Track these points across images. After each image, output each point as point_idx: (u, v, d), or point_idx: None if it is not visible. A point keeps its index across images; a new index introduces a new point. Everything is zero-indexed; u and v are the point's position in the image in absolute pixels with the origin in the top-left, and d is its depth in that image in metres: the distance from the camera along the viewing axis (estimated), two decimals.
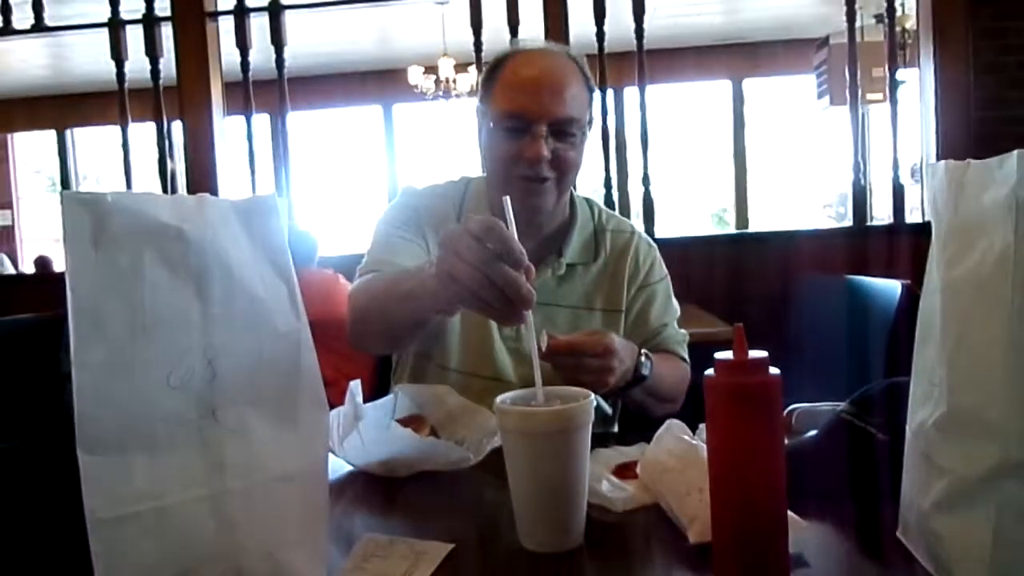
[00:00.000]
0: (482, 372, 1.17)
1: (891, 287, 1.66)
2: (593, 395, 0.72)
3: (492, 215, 1.20)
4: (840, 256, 2.58)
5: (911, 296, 1.58)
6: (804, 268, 2.53)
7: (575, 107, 1.13)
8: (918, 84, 2.83)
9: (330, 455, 0.78)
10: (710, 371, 0.61)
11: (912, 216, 3.19)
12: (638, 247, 1.27)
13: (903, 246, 2.52)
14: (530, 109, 1.10)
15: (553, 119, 1.11)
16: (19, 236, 8.22)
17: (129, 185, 3.11)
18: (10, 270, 6.61)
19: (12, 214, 8.13)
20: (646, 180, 2.78)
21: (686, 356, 1.28)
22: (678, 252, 2.02)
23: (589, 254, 1.24)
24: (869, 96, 4.47)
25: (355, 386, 0.94)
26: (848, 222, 2.89)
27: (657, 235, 2.87)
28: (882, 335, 1.59)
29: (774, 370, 0.60)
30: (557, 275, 1.21)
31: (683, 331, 1.30)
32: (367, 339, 1.15)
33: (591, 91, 1.17)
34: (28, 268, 6.97)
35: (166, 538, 0.55)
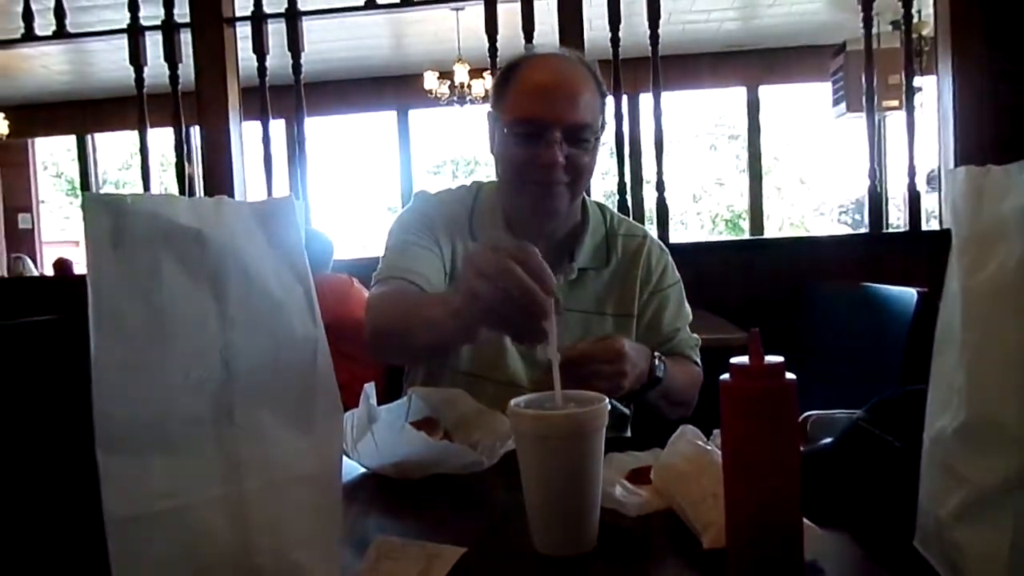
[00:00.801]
0: (495, 376, 1.17)
1: (907, 294, 1.64)
2: (607, 399, 0.72)
3: (504, 221, 1.21)
4: (856, 262, 2.57)
5: (927, 303, 1.56)
6: (819, 274, 2.51)
7: (588, 113, 1.13)
8: (935, 91, 2.81)
9: (344, 457, 0.78)
10: (725, 376, 0.61)
11: (927, 224, 3.17)
12: (650, 251, 1.27)
13: (919, 253, 2.50)
14: (544, 115, 1.11)
15: (567, 125, 1.11)
16: (39, 239, 8.32)
17: (147, 189, 3.14)
18: (33, 272, 6.69)
19: (32, 217, 8.23)
20: (660, 186, 2.77)
21: (698, 360, 1.28)
22: (692, 258, 2.01)
23: (601, 259, 1.24)
24: (885, 103, 4.44)
25: (369, 388, 0.94)
26: (864, 228, 2.87)
27: (671, 240, 2.87)
28: (898, 342, 1.57)
29: (790, 376, 0.60)
30: (569, 280, 1.21)
31: (695, 336, 1.30)
32: (387, 353, 1.21)
33: (603, 96, 1.18)
34: (47, 271, 7.04)
35: (182, 538, 0.56)
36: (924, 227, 2.77)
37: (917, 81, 2.74)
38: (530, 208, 1.18)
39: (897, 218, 5.80)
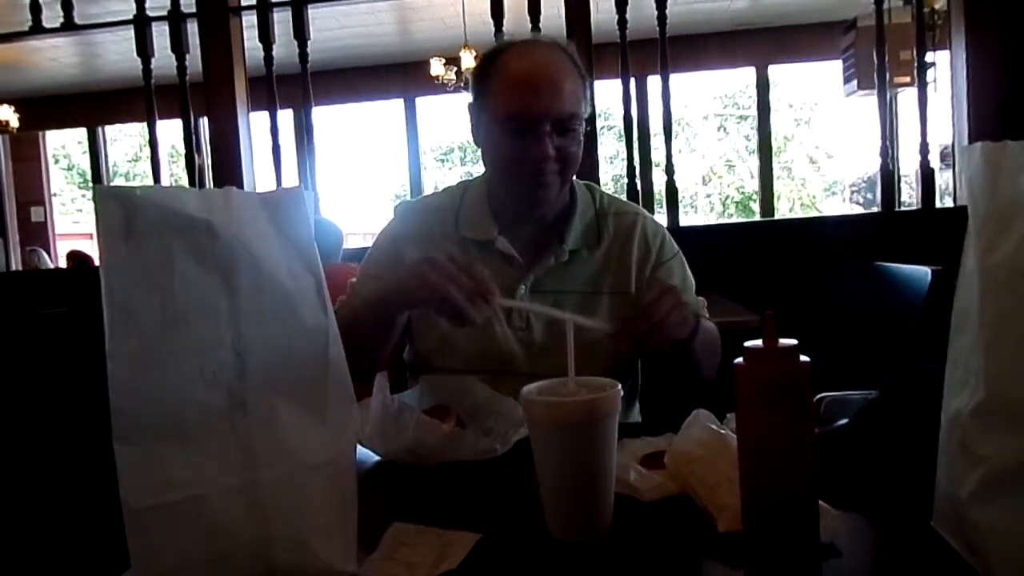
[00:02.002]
0: (491, 367, 1.17)
1: (921, 272, 1.63)
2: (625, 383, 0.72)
3: (492, 216, 1.21)
4: (869, 242, 2.54)
5: (941, 281, 1.55)
6: (833, 255, 2.49)
7: (573, 101, 1.13)
8: (948, 67, 2.77)
9: (358, 445, 0.79)
10: (740, 359, 0.61)
11: (941, 202, 3.13)
12: (644, 228, 1.27)
13: (933, 231, 2.48)
14: (533, 109, 1.10)
15: (555, 117, 1.11)
16: (52, 232, 8.38)
17: (157, 181, 3.15)
18: (48, 264, 6.74)
19: (45, 210, 8.28)
20: (670, 168, 2.75)
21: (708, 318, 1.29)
22: (704, 241, 2.00)
23: (591, 238, 1.24)
24: (897, 79, 4.39)
25: (382, 377, 0.94)
26: (876, 207, 2.84)
27: (682, 224, 2.85)
28: (912, 321, 1.56)
29: (804, 358, 0.60)
30: (560, 262, 1.21)
31: (700, 298, 1.30)
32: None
33: (584, 79, 1.17)
34: (62, 263, 7.09)
35: (199, 527, 0.56)
36: (937, 204, 2.74)
37: (929, 56, 2.70)
38: (522, 199, 1.19)
39: (909, 196, 5.74)
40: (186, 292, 0.57)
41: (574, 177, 1.26)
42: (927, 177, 2.63)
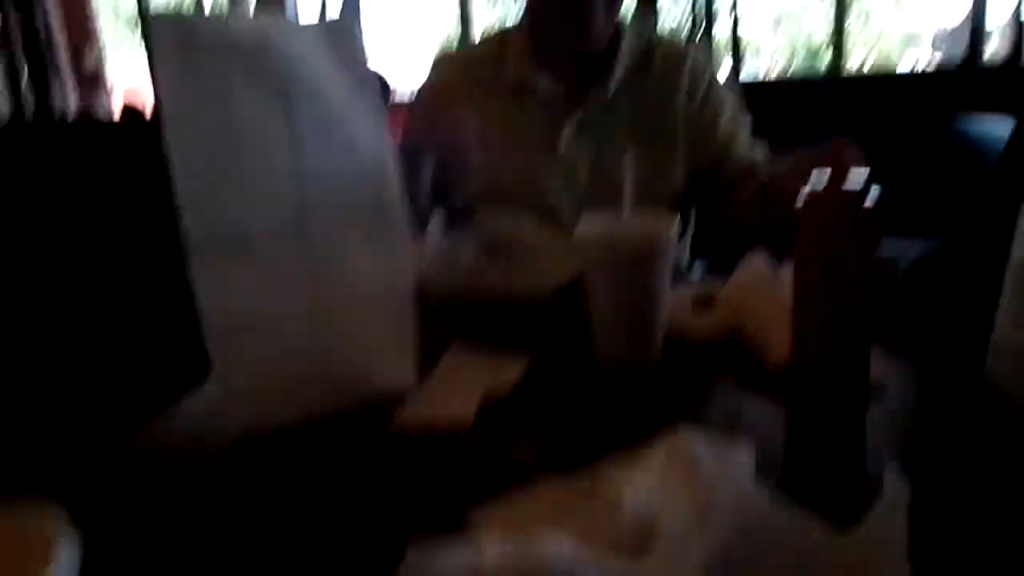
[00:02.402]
0: (539, 210, 1.16)
1: (1002, 123, 1.53)
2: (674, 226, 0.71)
3: (533, 59, 1.16)
4: (949, 97, 2.38)
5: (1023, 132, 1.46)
6: (909, 111, 2.35)
7: None
8: None
9: (415, 278, 0.81)
10: (804, 193, 0.59)
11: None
12: (694, 62, 1.21)
13: (1021, 85, 2.30)
14: None
15: None
16: (104, 78, 8.35)
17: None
18: (105, 112, 6.78)
19: (96, 55, 8.22)
20: (735, 11, 2.56)
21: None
22: (768, 96, 1.89)
23: (636, 77, 1.19)
24: None
25: (438, 214, 0.95)
26: (958, 62, 2.63)
27: (743, 78, 2.70)
28: (989, 172, 1.49)
29: (869, 202, 0.57)
30: (606, 100, 1.17)
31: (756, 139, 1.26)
32: None
33: None
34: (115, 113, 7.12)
35: (270, 344, 0.59)
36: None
37: None
38: (567, 31, 1.12)
39: (994, 49, 5.28)
40: (245, 117, 0.57)
41: (623, 16, 1.19)
42: (1017, 23, 2.41)
